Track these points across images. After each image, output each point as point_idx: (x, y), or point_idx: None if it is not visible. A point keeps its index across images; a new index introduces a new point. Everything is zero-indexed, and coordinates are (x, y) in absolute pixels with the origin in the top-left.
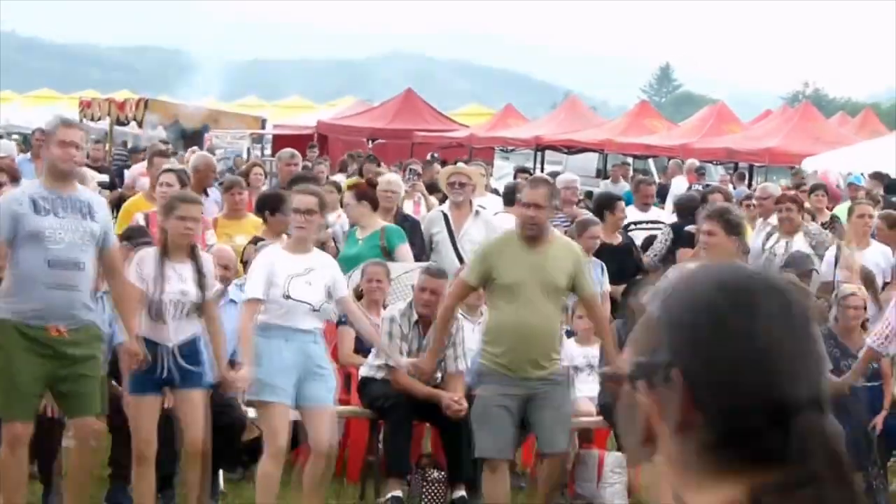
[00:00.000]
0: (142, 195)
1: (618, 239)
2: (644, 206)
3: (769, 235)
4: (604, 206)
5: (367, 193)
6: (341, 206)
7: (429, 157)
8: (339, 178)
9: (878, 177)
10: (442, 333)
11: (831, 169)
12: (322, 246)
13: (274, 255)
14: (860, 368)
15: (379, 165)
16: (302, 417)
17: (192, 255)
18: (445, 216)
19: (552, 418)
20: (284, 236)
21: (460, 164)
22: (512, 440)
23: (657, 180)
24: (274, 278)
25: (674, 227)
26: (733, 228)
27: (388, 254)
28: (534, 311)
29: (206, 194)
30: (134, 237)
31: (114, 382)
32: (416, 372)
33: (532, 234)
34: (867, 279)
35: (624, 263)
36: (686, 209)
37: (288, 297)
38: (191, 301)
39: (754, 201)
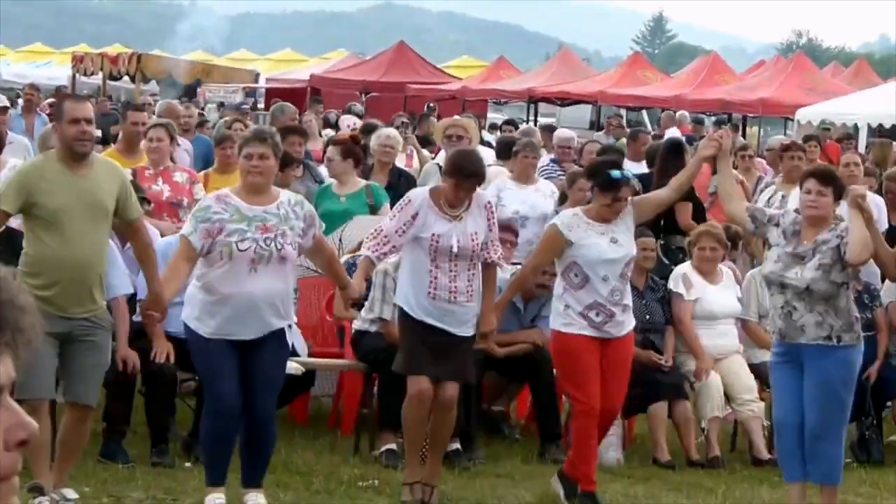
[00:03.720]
0: (112, 149)
1: None
2: (639, 157)
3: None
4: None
5: (352, 150)
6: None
7: (426, 108)
8: (332, 132)
9: None
10: None
11: None
12: None
13: None
14: (360, 275)
15: (360, 116)
16: None
17: None
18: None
19: (83, 366)
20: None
21: (457, 117)
22: (53, 380)
23: (651, 131)
24: None
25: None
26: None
27: (374, 211)
28: (82, 241)
29: (177, 143)
30: None
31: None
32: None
33: (85, 152)
34: None
35: None
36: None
37: None
38: None
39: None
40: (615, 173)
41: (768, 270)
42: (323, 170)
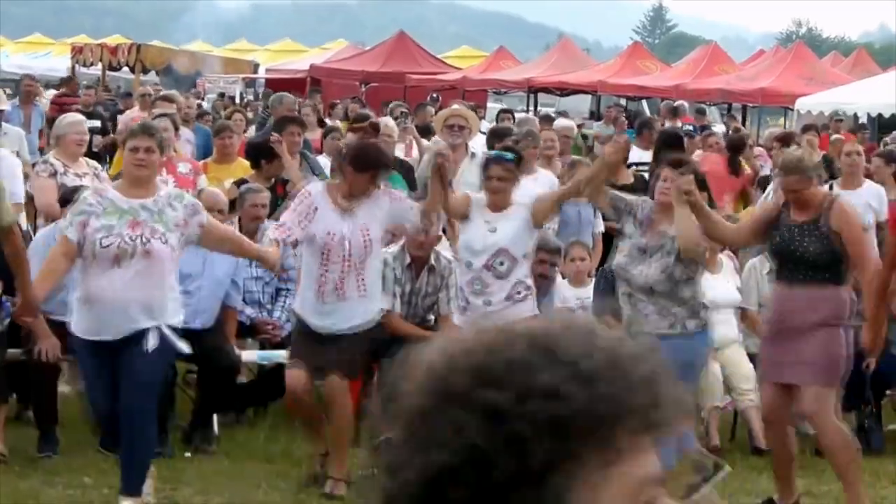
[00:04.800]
0: None
1: (629, 179)
2: (648, 146)
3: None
4: None
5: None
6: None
7: (429, 98)
8: (329, 121)
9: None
10: None
11: None
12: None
13: None
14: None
15: (364, 107)
16: None
17: None
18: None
19: None
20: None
21: (456, 107)
22: None
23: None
24: None
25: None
26: None
27: None
28: None
29: (178, 133)
30: None
31: None
32: None
33: None
34: None
35: None
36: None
37: None
38: None
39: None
40: (491, 153)
41: (616, 262)
42: (322, 159)
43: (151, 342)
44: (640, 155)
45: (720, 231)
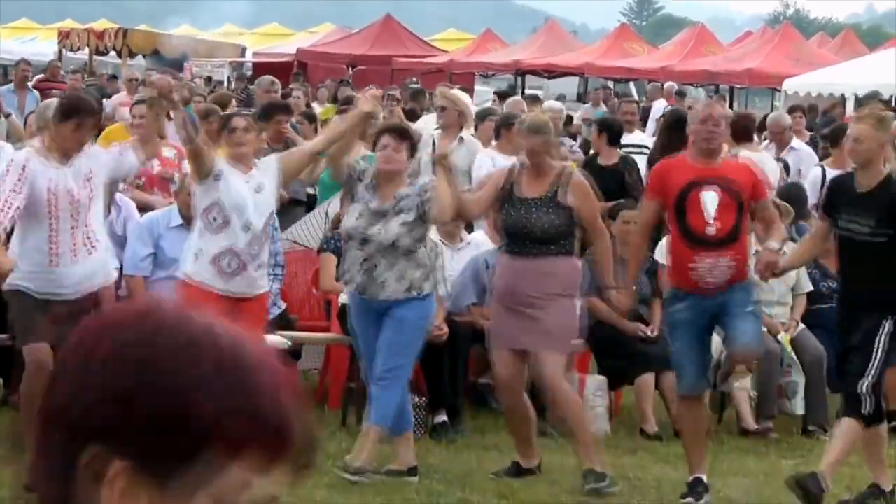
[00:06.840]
0: (122, 125)
1: (613, 160)
2: (628, 126)
3: None
4: (605, 129)
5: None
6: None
7: (407, 82)
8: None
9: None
10: None
11: None
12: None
13: None
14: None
15: (353, 90)
16: None
17: None
18: (434, 141)
19: None
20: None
21: (442, 89)
22: None
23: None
24: None
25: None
26: None
27: None
28: None
29: (169, 118)
30: None
31: None
32: None
33: None
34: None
35: (607, 185)
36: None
37: None
38: None
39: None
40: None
41: (350, 226)
42: None
43: None
44: (631, 137)
45: (463, 205)
